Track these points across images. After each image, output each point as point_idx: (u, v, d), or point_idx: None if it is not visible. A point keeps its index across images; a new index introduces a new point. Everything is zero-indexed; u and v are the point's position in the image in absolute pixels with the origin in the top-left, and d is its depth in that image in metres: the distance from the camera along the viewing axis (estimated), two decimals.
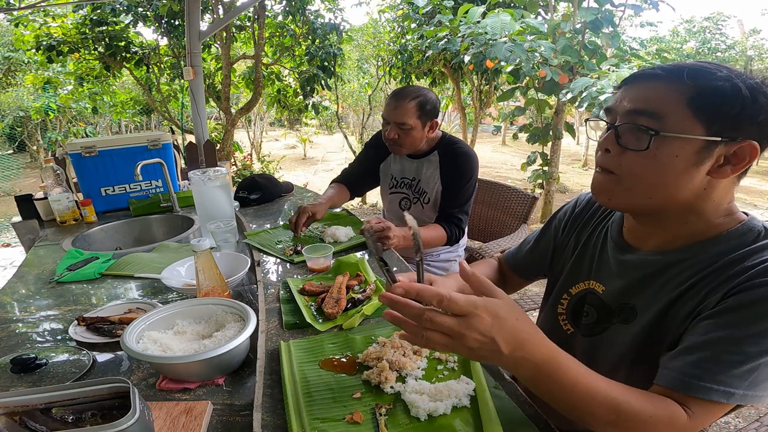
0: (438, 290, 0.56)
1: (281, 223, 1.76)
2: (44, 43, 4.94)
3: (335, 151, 13.65)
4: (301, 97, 5.93)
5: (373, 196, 6.91)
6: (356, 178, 1.94)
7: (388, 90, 8.27)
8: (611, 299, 0.79)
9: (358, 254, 1.38)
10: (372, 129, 9.56)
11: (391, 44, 6.66)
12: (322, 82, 5.47)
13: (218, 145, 5.37)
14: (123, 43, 5.18)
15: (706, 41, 14.92)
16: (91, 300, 1.23)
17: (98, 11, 4.91)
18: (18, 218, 1.95)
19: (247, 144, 10.74)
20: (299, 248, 1.41)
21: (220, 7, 4.89)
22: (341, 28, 5.51)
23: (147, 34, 9.18)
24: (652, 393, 0.63)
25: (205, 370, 0.82)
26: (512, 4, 4.72)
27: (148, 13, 4.89)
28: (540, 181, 4.44)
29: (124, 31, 5.13)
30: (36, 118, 9.87)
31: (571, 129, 4.12)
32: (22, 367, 0.88)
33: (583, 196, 0.96)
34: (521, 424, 0.69)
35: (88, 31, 4.97)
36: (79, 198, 2.03)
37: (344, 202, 1.92)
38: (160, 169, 2.09)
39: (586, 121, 0.87)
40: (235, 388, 0.83)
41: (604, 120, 0.73)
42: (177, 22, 5.00)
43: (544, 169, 4.32)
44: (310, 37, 5.45)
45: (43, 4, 4.56)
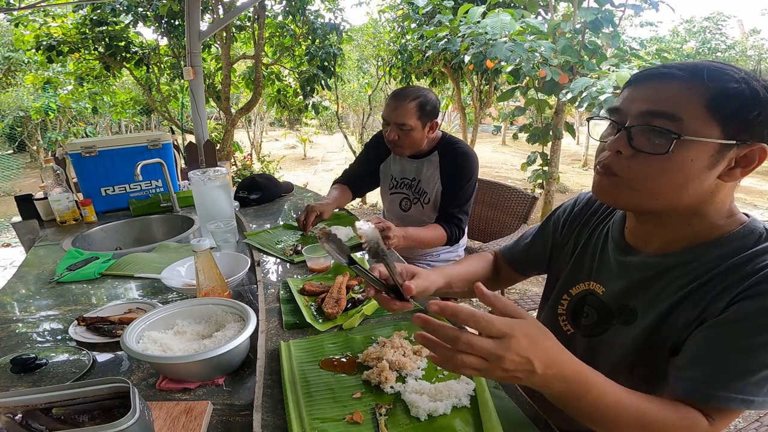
0: (473, 310, 0.56)
1: (281, 223, 1.76)
2: (44, 43, 4.94)
3: (335, 151, 13.66)
4: (301, 97, 5.93)
5: (373, 196, 6.91)
6: (357, 179, 1.94)
7: (388, 90, 8.27)
8: (611, 300, 0.79)
9: (359, 254, 1.38)
10: (372, 129, 9.56)
11: (391, 44, 6.66)
12: (322, 82, 5.47)
13: (218, 145, 5.37)
14: (123, 43, 5.18)
15: (706, 41, 14.93)
16: (91, 300, 1.23)
17: (98, 11, 4.91)
18: (18, 218, 1.95)
19: (247, 144, 10.74)
20: (299, 248, 1.41)
21: (220, 7, 4.89)
22: (341, 28, 5.51)
23: (147, 34, 9.19)
24: (673, 401, 0.64)
25: (205, 370, 0.83)
26: (512, 4, 4.72)
27: (148, 13, 4.89)
28: (540, 181, 4.44)
29: (124, 31, 5.13)
30: (36, 118, 9.87)
31: (571, 129, 4.11)
32: (22, 367, 0.88)
33: (583, 196, 0.95)
34: (521, 424, 0.69)
35: (88, 31, 4.97)
36: (79, 198, 2.03)
37: (347, 203, 1.93)
38: (160, 169, 2.09)
39: (588, 120, 0.85)
40: (235, 388, 0.83)
41: (611, 119, 0.70)
42: (177, 22, 5.00)
43: (544, 169, 4.31)
44: (310, 37, 5.45)
45: (43, 4, 4.56)
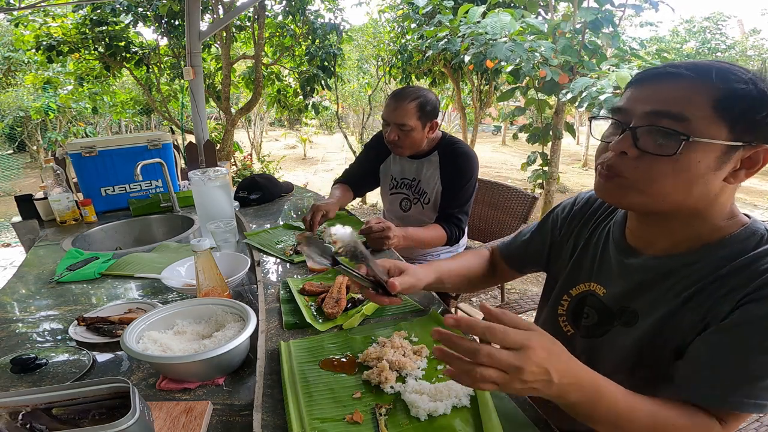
0: (489, 323, 0.56)
1: (281, 223, 1.76)
2: (44, 43, 4.94)
3: (335, 151, 13.66)
4: (301, 97, 5.93)
5: (373, 196, 6.91)
6: (357, 179, 1.94)
7: (388, 90, 8.27)
8: (612, 302, 0.78)
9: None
10: (372, 129, 9.56)
11: (391, 44, 6.66)
12: (322, 82, 5.47)
13: (218, 145, 5.37)
14: (123, 43, 5.18)
15: (706, 41, 14.93)
16: (91, 300, 1.23)
17: (98, 11, 4.91)
18: (18, 218, 1.95)
19: (247, 144, 10.74)
20: (299, 248, 1.41)
21: (220, 7, 4.89)
22: (341, 28, 5.51)
23: (147, 34, 9.18)
24: (684, 405, 0.64)
25: (205, 370, 0.83)
26: (512, 4, 4.71)
27: (148, 13, 4.89)
28: (540, 181, 4.43)
29: (124, 31, 5.13)
30: (36, 118, 9.87)
31: (571, 129, 4.11)
32: (22, 367, 0.88)
33: (583, 194, 0.94)
34: (521, 424, 0.69)
35: (88, 31, 4.97)
36: (79, 198, 2.03)
37: (349, 202, 1.94)
38: (160, 169, 2.09)
39: (590, 120, 0.83)
40: (235, 388, 0.83)
41: (615, 119, 0.68)
42: (177, 22, 5.00)
43: (544, 169, 4.31)
44: (310, 37, 5.45)
45: (43, 4, 4.56)
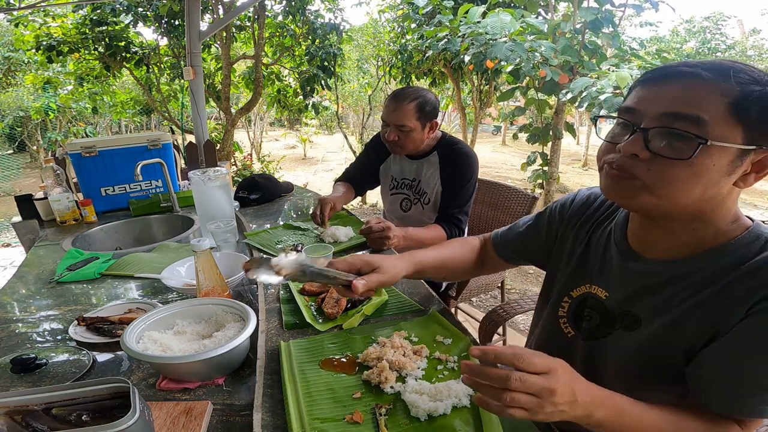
0: (515, 352, 0.56)
1: (281, 223, 1.76)
2: (44, 43, 4.94)
3: (335, 151, 13.67)
4: (301, 97, 5.94)
5: (373, 196, 6.92)
6: (357, 179, 1.95)
7: (388, 90, 8.27)
8: (614, 305, 0.77)
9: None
10: (372, 129, 9.56)
11: (391, 44, 6.66)
12: (322, 82, 5.47)
13: (218, 145, 5.37)
14: (123, 43, 5.19)
15: (706, 41, 14.94)
16: (91, 300, 1.23)
17: (98, 11, 4.91)
18: (18, 218, 1.95)
19: (247, 144, 10.75)
20: (299, 248, 1.41)
21: (220, 7, 4.89)
22: (341, 28, 5.51)
23: (147, 34, 9.19)
24: (702, 412, 0.65)
25: (205, 370, 0.82)
26: (512, 4, 4.71)
27: (148, 13, 4.89)
28: (540, 181, 4.44)
29: (124, 31, 5.14)
30: (36, 118, 9.88)
31: (571, 129, 4.11)
32: (22, 367, 0.88)
33: (583, 192, 0.93)
34: (521, 424, 0.69)
35: (88, 31, 4.98)
36: (79, 198, 2.03)
37: (351, 200, 1.94)
38: (160, 169, 2.09)
39: (596, 119, 0.81)
40: (235, 388, 0.83)
41: (624, 119, 0.66)
42: (177, 22, 5.00)
43: (544, 169, 4.31)
44: (310, 37, 5.45)
45: (43, 4, 4.56)
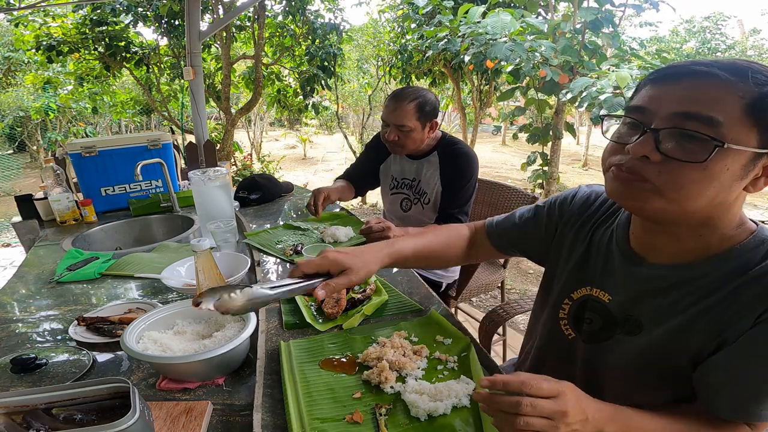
0: (522, 379, 0.57)
1: (281, 223, 1.76)
2: (44, 43, 4.94)
3: (335, 151, 13.67)
4: (301, 97, 5.93)
5: (373, 196, 6.92)
6: (358, 179, 1.95)
7: (388, 90, 8.27)
8: (616, 309, 0.76)
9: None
10: (372, 129, 9.56)
11: (391, 44, 6.66)
12: (322, 82, 5.47)
13: (218, 145, 5.37)
14: (123, 43, 5.18)
15: (706, 41, 14.94)
16: (91, 300, 1.23)
17: (98, 11, 4.91)
18: (18, 218, 1.95)
19: (247, 144, 10.75)
20: (299, 248, 1.41)
21: (220, 7, 4.89)
22: (341, 28, 5.51)
23: (147, 34, 9.18)
24: (712, 418, 0.65)
25: (205, 370, 0.83)
26: (512, 4, 4.71)
27: (148, 13, 4.89)
28: (540, 181, 4.44)
29: (124, 31, 5.13)
30: (36, 118, 9.87)
31: (571, 129, 4.11)
32: (22, 367, 0.88)
33: (584, 191, 0.90)
34: None
35: (88, 31, 4.97)
36: (79, 198, 2.03)
37: (350, 198, 1.94)
38: (160, 169, 2.09)
39: (602, 118, 0.79)
40: (235, 388, 0.83)
41: (633, 119, 0.64)
42: (177, 22, 5.00)
43: (544, 169, 4.31)
44: (310, 37, 5.45)
45: (43, 4, 4.56)
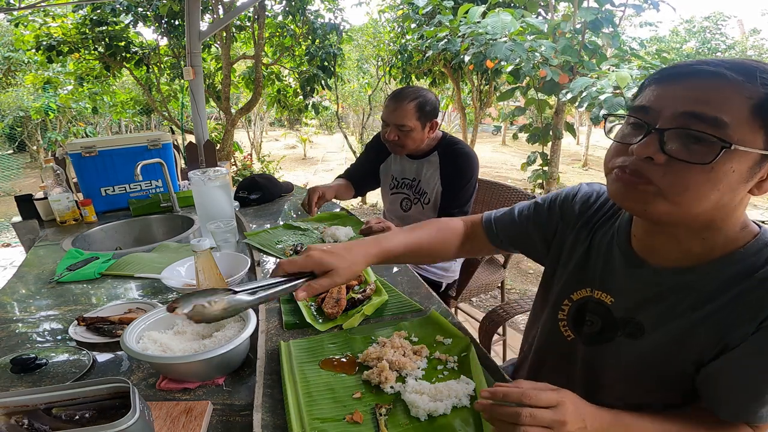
0: (522, 390, 0.58)
1: (281, 223, 1.76)
2: (44, 43, 4.94)
3: (335, 151, 13.67)
4: (301, 97, 5.93)
5: (373, 196, 6.92)
6: (358, 179, 1.95)
7: (388, 90, 8.26)
8: (617, 311, 0.76)
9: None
10: (372, 129, 9.56)
11: (391, 44, 6.66)
12: (322, 82, 5.47)
13: (218, 145, 5.37)
14: (123, 43, 5.18)
15: (706, 41, 14.95)
16: (91, 300, 1.23)
17: (98, 11, 4.91)
18: (18, 218, 1.95)
19: (247, 144, 10.74)
20: (299, 248, 1.41)
21: (220, 7, 4.89)
22: (341, 28, 5.51)
23: (147, 34, 9.17)
24: (715, 420, 0.66)
25: (205, 370, 0.83)
26: (512, 4, 4.71)
27: (148, 13, 4.89)
28: (540, 181, 4.43)
29: (124, 31, 5.13)
30: (36, 118, 9.88)
31: (571, 129, 4.11)
32: (22, 367, 0.88)
33: (585, 190, 0.89)
34: None
35: (88, 31, 4.97)
36: (79, 198, 2.03)
37: (349, 197, 1.94)
38: (160, 169, 2.09)
39: (605, 117, 0.78)
40: (235, 388, 0.83)
41: (637, 118, 0.63)
42: (177, 22, 5.00)
43: (544, 169, 4.31)
44: (310, 37, 5.45)
45: (43, 4, 4.56)
